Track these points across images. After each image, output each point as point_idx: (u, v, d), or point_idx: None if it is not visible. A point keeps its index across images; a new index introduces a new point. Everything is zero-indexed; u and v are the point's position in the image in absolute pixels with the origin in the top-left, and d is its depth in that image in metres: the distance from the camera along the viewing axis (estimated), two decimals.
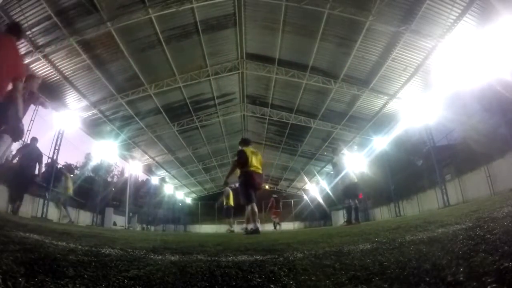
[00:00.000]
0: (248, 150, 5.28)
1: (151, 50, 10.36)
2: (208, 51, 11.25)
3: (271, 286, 0.91)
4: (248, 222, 5.14)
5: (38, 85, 4.52)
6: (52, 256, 1.17)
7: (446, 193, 10.84)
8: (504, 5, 6.61)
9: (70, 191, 9.13)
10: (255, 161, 5.18)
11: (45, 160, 9.79)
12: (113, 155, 16.73)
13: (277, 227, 14.17)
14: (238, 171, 5.33)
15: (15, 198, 6.22)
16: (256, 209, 4.98)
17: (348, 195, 6.94)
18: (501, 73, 7.38)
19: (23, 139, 3.93)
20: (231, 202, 11.00)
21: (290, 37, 10.49)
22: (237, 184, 5.55)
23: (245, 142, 5.54)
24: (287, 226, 25.37)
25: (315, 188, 24.93)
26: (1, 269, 0.85)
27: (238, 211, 10.83)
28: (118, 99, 11.82)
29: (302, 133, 16.79)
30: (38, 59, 8.79)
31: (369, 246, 1.58)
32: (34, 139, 6.80)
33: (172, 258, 1.50)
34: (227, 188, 11.14)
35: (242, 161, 5.14)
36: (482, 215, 1.99)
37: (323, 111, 14.07)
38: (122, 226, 16.14)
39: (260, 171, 5.25)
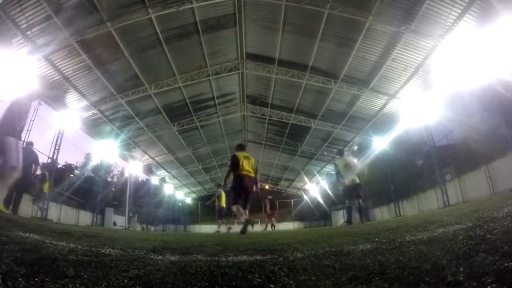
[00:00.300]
0: (241, 155, 5.63)
1: (151, 50, 10.36)
2: (208, 51, 11.25)
3: (271, 286, 0.91)
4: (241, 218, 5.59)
5: None
6: (52, 256, 1.17)
7: (446, 193, 10.84)
8: (504, 5, 6.61)
9: (45, 188, 9.45)
10: (247, 165, 5.54)
11: (43, 161, 10.09)
12: (113, 155, 16.74)
13: (271, 227, 14.19)
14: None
15: (10, 201, 6.36)
16: (241, 209, 5.40)
17: (349, 196, 6.96)
18: (501, 73, 7.38)
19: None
20: (223, 203, 10.94)
21: (290, 37, 10.50)
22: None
23: (239, 147, 5.95)
24: (287, 226, 25.38)
25: (315, 188, 24.93)
26: (1, 269, 0.85)
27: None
28: (118, 99, 11.82)
29: (302, 133, 16.79)
30: (38, 59, 8.79)
31: (369, 246, 1.58)
32: (30, 144, 7.11)
33: (172, 258, 1.50)
34: (219, 189, 11.19)
35: (234, 165, 5.54)
36: (482, 215, 1.99)
37: (323, 111, 14.07)
38: (122, 226, 16.14)
39: (252, 175, 5.58)
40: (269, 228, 13.66)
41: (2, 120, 3.90)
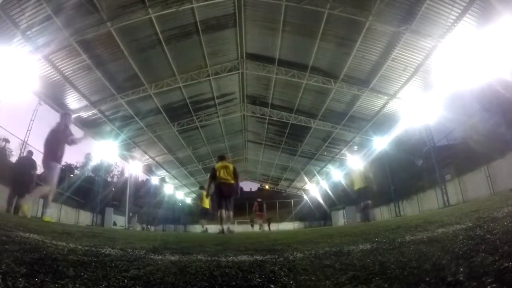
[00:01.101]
0: (219, 166, 6.31)
1: (151, 50, 10.36)
2: (208, 51, 11.25)
3: (271, 286, 0.91)
4: (221, 224, 6.25)
5: None
6: (52, 256, 1.17)
7: (446, 193, 10.84)
8: (504, 5, 6.61)
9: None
10: (224, 174, 6.18)
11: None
12: (113, 155, 16.73)
13: (261, 228, 14.25)
14: None
15: (13, 200, 6.63)
16: (224, 215, 6.13)
17: (359, 198, 7.50)
18: (501, 73, 7.38)
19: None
20: (205, 205, 10.92)
21: (290, 37, 10.49)
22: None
23: (219, 158, 6.63)
24: (287, 226, 25.39)
25: (315, 188, 24.93)
26: (1, 269, 0.85)
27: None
28: (118, 99, 11.81)
29: (302, 133, 16.79)
30: (38, 59, 8.78)
31: (369, 246, 1.58)
32: (30, 152, 7.82)
33: (172, 258, 1.50)
34: (201, 191, 11.28)
35: (211, 176, 6.32)
36: (482, 215, 1.99)
37: (323, 111, 14.07)
38: (122, 226, 16.14)
39: (230, 182, 6.21)
40: (266, 228, 13.73)
41: (45, 147, 5.01)
